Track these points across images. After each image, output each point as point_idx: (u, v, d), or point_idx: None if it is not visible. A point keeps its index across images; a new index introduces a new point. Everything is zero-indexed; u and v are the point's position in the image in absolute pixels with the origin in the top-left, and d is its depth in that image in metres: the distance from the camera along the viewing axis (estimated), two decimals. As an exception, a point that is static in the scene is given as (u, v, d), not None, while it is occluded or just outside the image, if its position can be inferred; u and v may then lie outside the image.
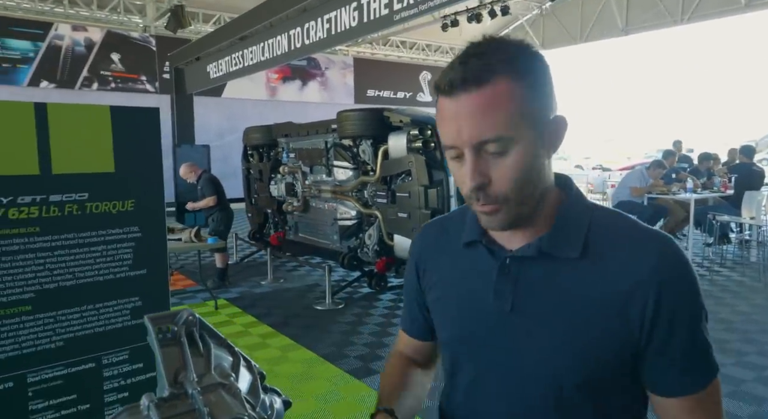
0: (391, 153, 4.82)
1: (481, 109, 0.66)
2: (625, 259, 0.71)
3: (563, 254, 0.73)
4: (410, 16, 5.07)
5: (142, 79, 12.13)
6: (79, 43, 11.46)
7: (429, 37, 15.42)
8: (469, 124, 0.67)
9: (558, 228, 0.75)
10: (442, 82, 0.69)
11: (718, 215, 6.51)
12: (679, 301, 0.70)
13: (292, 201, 6.40)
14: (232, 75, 8.79)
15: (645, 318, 0.69)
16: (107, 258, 1.92)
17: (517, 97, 0.67)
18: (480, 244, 0.80)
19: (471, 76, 0.66)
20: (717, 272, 5.94)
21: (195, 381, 0.69)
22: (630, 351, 0.71)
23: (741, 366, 3.34)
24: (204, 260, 5.62)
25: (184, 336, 0.74)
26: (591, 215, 0.76)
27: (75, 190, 1.83)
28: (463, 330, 0.82)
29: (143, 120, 1.98)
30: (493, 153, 0.68)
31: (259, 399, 0.76)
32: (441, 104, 0.71)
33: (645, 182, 6.78)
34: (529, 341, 0.75)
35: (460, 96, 0.67)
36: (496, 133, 0.67)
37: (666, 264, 0.70)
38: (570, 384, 0.73)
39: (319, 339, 3.94)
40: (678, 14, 11.43)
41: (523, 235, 0.76)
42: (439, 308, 0.87)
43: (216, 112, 12.80)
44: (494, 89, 0.66)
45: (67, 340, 1.86)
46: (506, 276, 0.77)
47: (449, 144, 0.70)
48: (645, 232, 0.74)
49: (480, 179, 0.69)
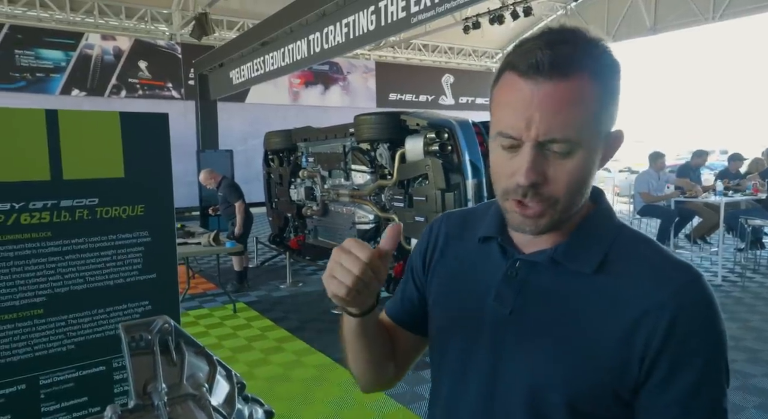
0: (408, 157, 4.79)
1: (560, 103, 0.60)
2: (642, 285, 0.65)
3: (577, 267, 0.69)
4: (427, 18, 5.05)
5: (168, 86, 12.41)
6: (108, 52, 11.80)
7: (451, 40, 15.36)
8: (544, 117, 0.60)
9: (577, 239, 0.70)
10: (524, 60, 0.61)
11: (750, 219, 6.26)
12: (693, 339, 0.63)
13: (311, 205, 6.43)
14: (254, 81, 8.91)
15: (648, 350, 0.63)
16: (117, 263, 1.95)
17: (596, 98, 0.62)
18: (495, 241, 0.76)
19: (561, 63, 0.60)
20: (749, 278, 5.72)
21: (164, 392, 0.67)
22: (626, 385, 0.65)
23: (772, 377, 3.19)
24: (224, 264, 5.69)
25: (156, 345, 0.73)
26: (617, 233, 0.71)
27: (85, 195, 1.86)
28: (457, 325, 0.79)
29: (153, 126, 1.99)
30: (555, 153, 0.62)
31: (234, 409, 0.74)
32: (510, 84, 0.63)
33: (655, 180, 6.53)
34: (519, 349, 0.71)
35: (541, 82, 0.60)
36: (567, 134, 0.61)
37: (685, 298, 0.63)
38: (556, 403, 0.67)
39: (334, 344, 3.92)
40: (709, 12, 11.10)
41: (543, 240, 0.72)
42: (440, 297, 0.83)
43: (239, 117, 13.00)
44: (579, 84, 0.60)
45: (78, 343, 1.89)
46: (512, 279, 0.73)
47: (510, 134, 0.63)
48: (672, 261, 0.67)
49: (536, 177, 0.62)
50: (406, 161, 4.81)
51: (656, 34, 12.26)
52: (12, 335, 1.76)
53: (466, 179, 4.41)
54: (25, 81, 10.99)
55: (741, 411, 2.79)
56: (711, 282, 5.35)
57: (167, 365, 0.72)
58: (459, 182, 4.44)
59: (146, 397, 0.67)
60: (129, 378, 0.69)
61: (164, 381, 0.69)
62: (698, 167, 7.29)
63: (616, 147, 0.69)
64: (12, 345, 1.76)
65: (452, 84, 16.93)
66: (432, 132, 4.54)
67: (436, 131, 4.53)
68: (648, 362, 0.63)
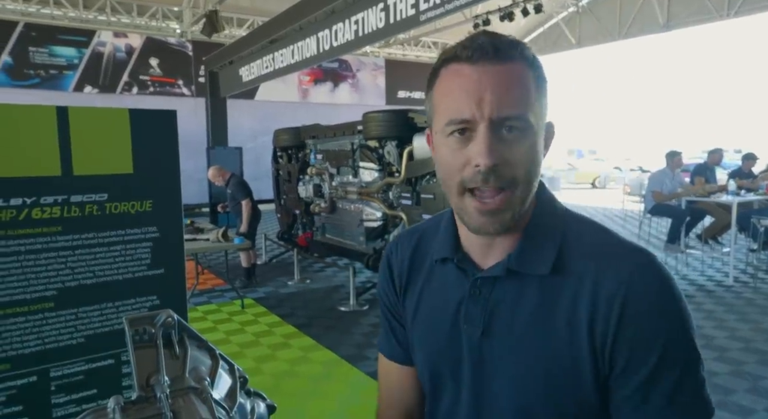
0: (416, 154, 4.79)
1: (508, 82, 0.62)
2: (595, 275, 0.64)
3: (532, 271, 0.67)
4: (436, 15, 5.03)
5: (179, 83, 12.49)
6: (120, 49, 11.90)
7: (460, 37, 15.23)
8: (495, 96, 0.61)
9: (527, 243, 0.68)
10: (464, 49, 0.63)
11: (762, 219, 6.18)
12: (646, 324, 0.62)
13: (319, 202, 6.45)
14: (263, 78, 8.94)
15: (606, 340, 0.63)
16: (126, 257, 1.97)
17: (534, 85, 0.64)
18: (451, 262, 0.74)
19: (502, 48, 0.62)
20: (762, 279, 5.64)
21: (166, 385, 0.68)
22: (599, 377, 0.64)
23: (783, 379, 3.16)
24: (233, 260, 5.72)
25: (160, 338, 0.74)
26: (564, 224, 0.70)
27: (95, 191, 1.88)
28: (440, 355, 0.76)
29: (161, 122, 2.01)
30: (510, 133, 0.62)
31: (236, 403, 0.75)
32: (455, 73, 0.64)
33: (669, 179, 6.45)
34: (500, 369, 0.69)
35: (486, 66, 0.62)
36: (520, 110, 0.62)
37: (635, 281, 0.62)
38: (543, 412, 0.67)
39: (341, 341, 3.95)
40: (724, 9, 10.94)
41: (496, 251, 0.71)
42: (416, 327, 0.80)
43: (249, 114, 13.05)
44: (520, 68, 0.63)
45: (87, 337, 1.92)
46: (477, 298, 0.71)
47: (460, 117, 0.62)
48: (620, 247, 0.67)
49: (496, 157, 0.61)
50: (414, 159, 4.81)
51: (669, 31, 12.11)
52: (24, 328, 1.79)
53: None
54: (38, 78, 11.13)
55: (751, 414, 2.77)
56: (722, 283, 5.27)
57: (170, 358, 0.73)
58: (467, 180, 4.43)
59: (149, 389, 0.68)
60: (132, 370, 0.70)
61: (167, 374, 0.70)
62: (714, 165, 7.19)
63: (551, 137, 0.69)
64: (24, 337, 1.79)
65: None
66: (440, 130, 4.53)
67: (445, 128, 4.52)
68: (608, 352, 0.63)
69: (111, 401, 0.65)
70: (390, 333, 0.87)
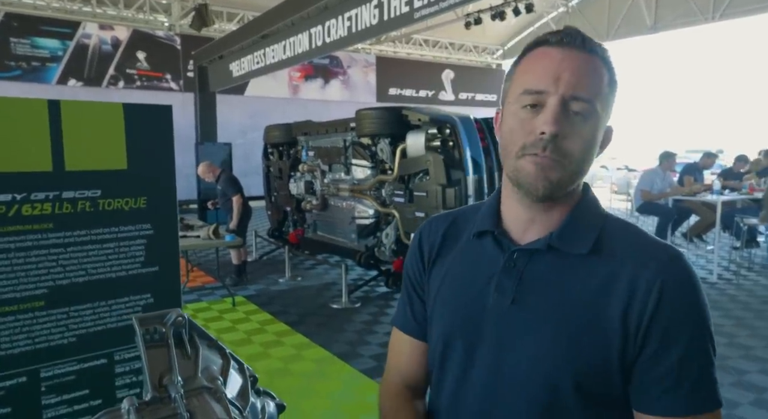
0: (409, 152, 4.78)
1: (585, 69, 0.68)
2: (632, 262, 0.70)
3: (572, 250, 0.72)
4: (430, 13, 5.02)
5: (166, 77, 12.34)
6: (106, 41, 11.72)
7: (452, 35, 15.33)
8: (572, 75, 0.67)
9: (570, 225, 0.74)
10: (556, 36, 0.70)
11: (746, 218, 6.28)
12: (680, 311, 0.67)
13: (310, 199, 6.42)
14: (254, 73, 8.86)
15: (642, 321, 0.67)
16: (119, 255, 1.94)
17: (607, 83, 0.70)
18: (490, 235, 0.79)
19: (589, 42, 0.69)
20: (744, 276, 5.75)
21: (180, 385, 0.67)
22: (624, 359, 0.68)
23: (765, 373, 3.21)
24: (223, 258, 5.67)
25: (171, 338, 0.72)
26: (604, 220, 0.76)
27: (88, 187, 1.85)
28: (460, 322, 0.79)
29: (156, 118, 1.98)
30: (575, 114, 0.67)
31: (249, 403, 0.74)
32: (541, 53, 0.70)
33: (660, 179, 6.54)
34: (526, 337, 0.72)
35: (572, 51, 0.68)
36: (590, 95, 0.68)
37: (671, 272, 0.68)
38: (565, 384, 0.69)
39: (333, 338, 3.94)
40: (709, 12, 11.10)
41: (536, 227, 0.75)
42: (439, 299, 0.83)
43: (239, 110, 12.95)
44: (599, 63, 0.69)
45: (79, 336, 1.88)
46: (511, 270, 0.75)
47: (536, 88, 0.68)
48: (655, 241, 0.73)
49: (560, 128, 0.67)
50: (407, 157, 4.80)
51: (656, 33, 12.25)
52: (13, 327, 1.75)
53: (467, 175, 4.41)
54: (20, 70, 10.91)
55: (736, 407, 2.81)
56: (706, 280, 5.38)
57: (182, 358, 0.72)
58: (460, 177, 4.44)
59: (162, 390, 0.67)
60: (144, 370, 0.68)
61: (179, 374, 0.69)
62: (706, 168, 7.31)
63: (609, 140, 0.75)
64: (13, 337, 1.75)
65: (452, 80, 16.90)
66: (433, 128, 4.53)
67: (438, 126, 4.52)
68: (641, 335, 0.67)
69: (125, 402, 0.63)
70: (408, 306, 0.91)
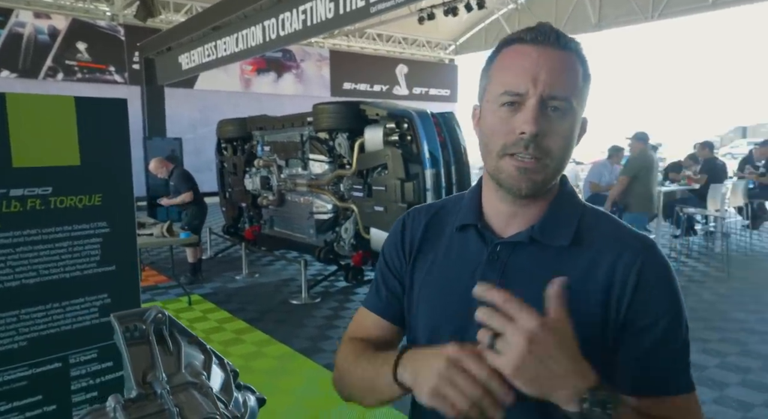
0: (367, 146, 4.79)
1: (562, 66, 0.70)
2: (609, 251, 0.73)
3: (553, 242, 0.75)
4: (387, 8, 5.04)
5: (110, 69, 11.79)
6: (43, 31, 11.06)
7: (405, 30, 15.40)
8: (550, 75, 0.69)
9: (550, 218, 0.77)
10: (530, 32, 0.71)
11: (684, 207, 6.69)
12: (657, 296, 0.71)
13: (267, 195, 6.33)
14: (206, 66, 8.61)
15: (621, 307, 0.71)
16: (74, 255, 1.86)
17: (582, 77, 0.72)
18: (473, 229, 0.80)
19: (563, 38, 0.71)
20: (683, 262, 6.12)
21: (164, 381, 0.66)
22: (609, 342, 0.72)
23: (705, 352, 3.45)
24: (177, 256, 5.52)
25: (152, 335, 0.72)
26: (582, 211, 0.79)
27: (38, 184, 1.76)
28: (445, 316, 0.80)
29: (110, 111, 1.91)
30: (554, 111, 0.70)
31: (232, 397, 0.74)
32: (517, 51, 0.72)
33: (608, 172, 6.86)
34: None
35: (548, 48, 0.70)
36: (567, 93, 0.70)
37: (646, 260, 0.72)
38: None
39: (294, 334, 3.92)
40: (648, 11, 11.66)
41: (518, 221, 0.78)
42: (424, 292, 0.84)
43: (188, 104, 12.54)
44: (574, 58, 0.71)
45: (31, 340, 1.80)
46: (495, 262, 0.77)
47: (516, 90, 0.70)
48: (631, 231, 0.77)
49: (540, 127, 0.69)
50: (365, 151, 4.82)
51: (601, 31, 12.75)
52: (-42, 332, 1.66)
53: (425, 169, 4.47)
54: (-54, 60, 10.16)
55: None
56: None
57: (164, 354, 0.71)
58: (418, 171, 4.50)
59: (147, 386, 0.66)
60: (126, 368, 0.68)
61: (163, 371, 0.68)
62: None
63: (585, 131, 0.77)
64: (-42, 342, 1.66)
65: (406, 74, 17.00)
66: (391, 122, 4.57)
67: (396, 121, 4.56)
68: (621, 319, 0.71)
69: (110, 400, 0.63)
70: (381, 290, 0.90)
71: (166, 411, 0.63)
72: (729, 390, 2.94)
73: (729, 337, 3.74)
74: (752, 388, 2.97)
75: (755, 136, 23.19)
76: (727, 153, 21.28)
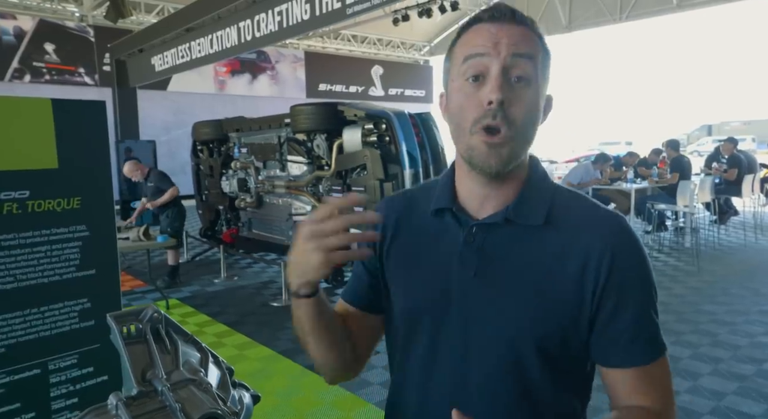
0: (345, 147, 4.80)
1: (520, 37, 0.72)
2: (583, 230, 0.76)
3: (528, 222, 0.77)
4: (363, 9, 5.06)
5: (80, 71, 11.51)
6: (8, 31, 10.73)
7: (380, 31, 15.44)
8: (509, 39, 0.71)
9: (523, 198, 0.78)
10: (487, 12, 0.74)
11: (656, 204, 6.88)
12: (631, 273, 0.74)
13: (244, 197, 6.27)
14: (179, 68, 8.49)
15: (597, 286, 0.73)
16: (52, 259, 1.83)
17: (541, 51, 0.75)
18: (449, 212, 0.81)
19: (519, 15, 0.74)
20: (655, 258, 6.29)
21: (164, 378, 0.67)
22: (584, 319, 0.74)
23: (678, 344, 3.56)
24: (153, 259, 5.43)
25: (149, 334, 0.73)
26: (554, 191, 0.81)
27: (14, 188, 1.73)
28: (425, 297, 0.82)
29: (88, 114, 1.89)
30: (517, 80, 0.71)
31: (230, 393, 0.76)
32: (476, 30, 0.74)
33: (591, 176, 7.08)
34: (490, 306, 0.76)
35: (504, 23, 0.73)
36: (530, 51, 0.72)
37: (619, 239, 0.75)
38: (528, 348, 0.74)
39: (276, 336, 3.90)
40: (617, 13, 11.96)
41: (491, 202, 0.79)
42: (401, 277, 0.85)
43: (161, 106, 12.33)
44: (531, 34, 0.74)
45: (8, 346, 1.77)
46: (471, 244, 0.78)
47: (476, 51, 0.72)
48: (603, 210, 0.79)
49: (504, 94, 0.70)
50: (343, 152, 4.82)
51: (571, 32, 13.02)
52: (-68, 340, 1.61)
53: (404, 169, 4.51)
54: None
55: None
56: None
57: (162, 352, 0.72)
58: (397, 172, 4.53)
59: (146, 384, 0.67)
60: (125, 367, 0.68)
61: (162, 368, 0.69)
62: (628, 165, 8.04)
63: (550, 107, 0.79)
64: (-67, 351, 1.61)
65: (381, 75, 17.04)
66: (370, 123, 4.59)
67: (374, 121, 4.58)
68: (598, 295, 0.73)
69: (111, 398, 0.63)
70: (354, 278, 0.93)
71: (168, 407, 0.64)
72: (702, 380, 3.04)
73: (700, 329, 3.87)
74: (724, 377, 3.08)
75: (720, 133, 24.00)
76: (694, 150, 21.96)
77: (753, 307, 4.34)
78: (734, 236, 7.42)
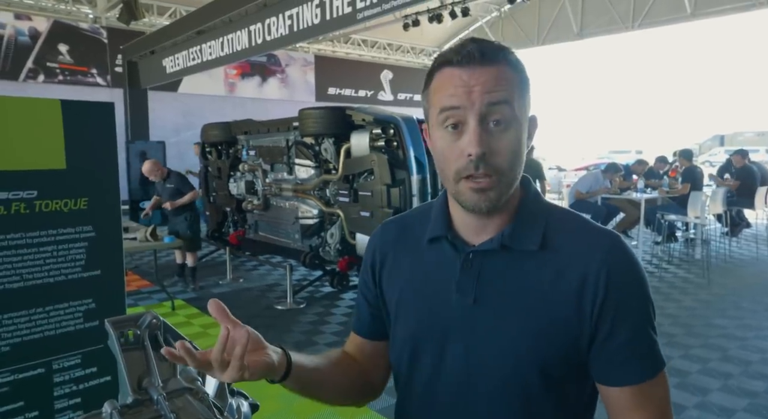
0: (353, 152, 4.80)
1: (493, 80, 0.70)
2: (578, 252, 0.75)
3: (523, 247, 0.77)
4: (373, 15, 5.07)
5: (92, 72, 11.62)
6: (23, 32, 10.87)
7: (390, 36, 15.47)
8: (483, 88, 0.70)
9: (518, 223, 0.78)
10: (455, 55, 0.72)
11: (666, 214, 6.81)
12: (626, 292, 0.74)
13: (252, 199, 6.29)
14: (190, 70, 8.55)
15: (594, 306, 0.73)
16: (58, 259, 1.84)
17: (517, 84, 0.73)
18: (444, 240, 0.82)
19: (488, 53, 0.71)
20: (665, 269, 6.21)
21: (160, 387, 0.67)
22: (584, 340, 0.74)
23: (687, 358, 3.51)
24: (160, 260, 5.45)
25: (147, 340, 0.72)
26: (548, 212, 0.81)
27: (22, 188, 1.74)
28: (426, 324, 0.82)
29: (97, 115, 1.90)
30: (496, 126, 0.71)
31: (227, 403, 0.75)
32: (447, 76, 0.73)
33: (600, 185, 7.03)
34: (492, 332, 0.77)
35: (475, 68, 0.71)
36: (505, 96, 0.71)
37: (614, 258, 0.75)
38: (531, 370, 0.74)
39: (280, 339, 3.89)
40: (629, 20, 11.90)
41: (487, 230, 0.79)
42: (402, 304, 0.86)
43: (172, 107, 12.42)
44: (504, 70, 0.72)
45: (14, 345, 1.77)
46: (469, 270, 0.78)
47: (451, 104, 0.71)
48: (596, 229, 0.79)
49: (484, 147, 0.70)
50: (351, 156, 4.82)
51: (583, 39, 12.98)
52: (-61, 338, 1.62)
53: (411, 175, 4.49)
54: (-76, 60, 9.92)
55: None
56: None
57: (159, 360, 0.71)
58: (404, 177, 4.52)
59: (142, 392, 0.67)
60: (122, 373, 0.68)
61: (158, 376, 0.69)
62: (636, 173, 7.98)
63: (534, 129, 0.79)
64: (-61, 348, 1.62)
65: (391, 80, 17.06)
66: (378, 128, 4.58)
67: (382, 126, 4.58)
68: (596, 315, 0.73)
69: (106, 406, 0.63)
70: (359, 311, 0.95)
71: (163, 417, 0.64)
72: (711, 396, 2.99)
73: (710, 343, 3.81)
74: (733, 394, 3.02)
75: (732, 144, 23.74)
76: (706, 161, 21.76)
77: (765, 322, 4.27)
78: (746, 249, 7.31)
